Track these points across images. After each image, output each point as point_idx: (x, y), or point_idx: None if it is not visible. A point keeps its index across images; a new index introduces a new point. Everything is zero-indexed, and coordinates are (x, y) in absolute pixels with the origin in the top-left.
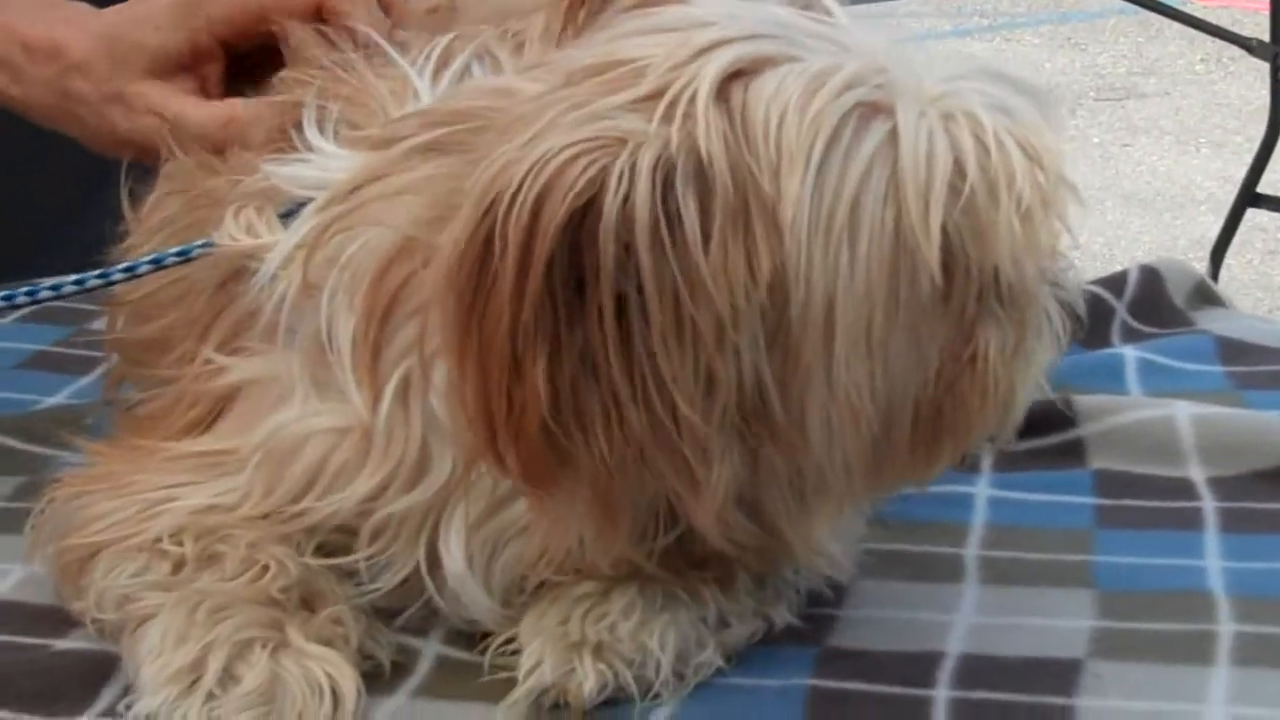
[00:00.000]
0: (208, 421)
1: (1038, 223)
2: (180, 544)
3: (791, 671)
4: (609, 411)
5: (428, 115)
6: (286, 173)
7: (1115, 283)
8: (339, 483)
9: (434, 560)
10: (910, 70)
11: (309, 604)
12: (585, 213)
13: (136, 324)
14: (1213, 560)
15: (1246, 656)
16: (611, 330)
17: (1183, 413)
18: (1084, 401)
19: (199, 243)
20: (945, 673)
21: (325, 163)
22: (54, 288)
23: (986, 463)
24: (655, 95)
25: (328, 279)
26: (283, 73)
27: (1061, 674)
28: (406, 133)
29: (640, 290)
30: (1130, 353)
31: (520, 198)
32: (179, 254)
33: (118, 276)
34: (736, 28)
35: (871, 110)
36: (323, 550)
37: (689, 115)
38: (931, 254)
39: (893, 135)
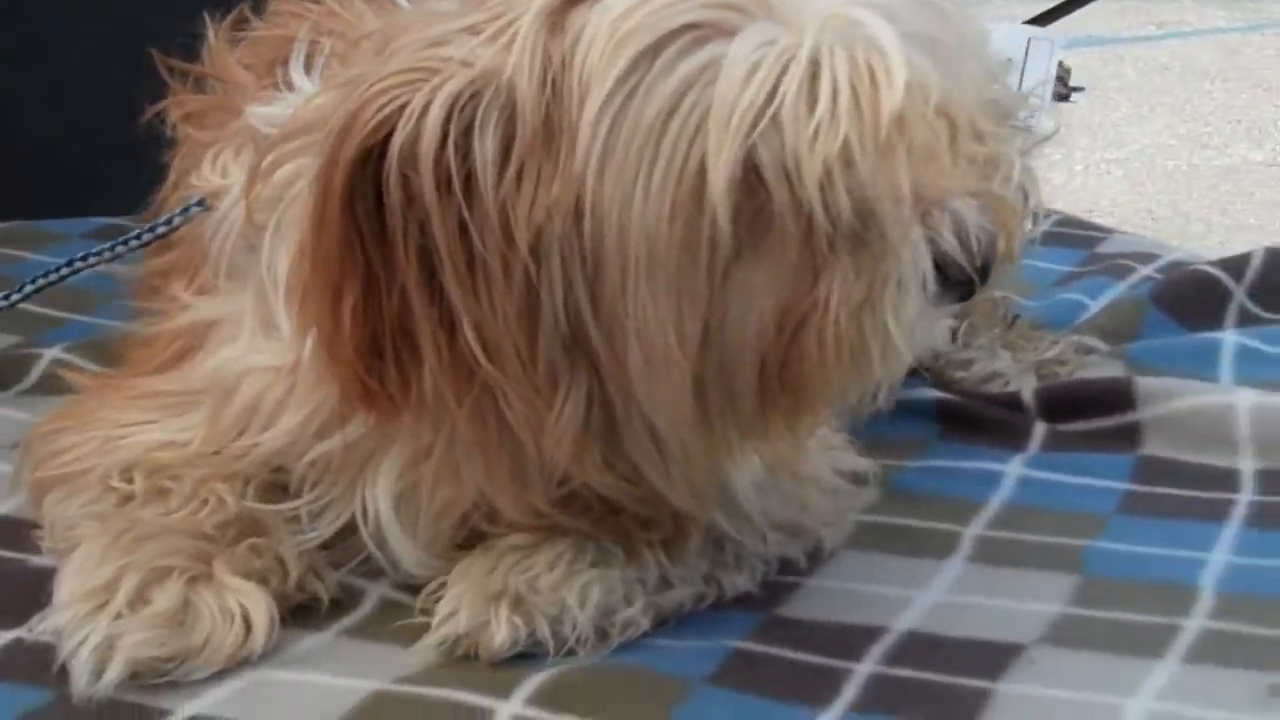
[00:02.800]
0: (175, 359)
1: (864, 160)
2: (130, 480)
3: (723, 634)
4: (434, 344)
5: (376, 43)
6: (263, 112)
7: (1236, 265)
8: (272, 420)
9: (368, 510)
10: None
11: (246, 539)
12: (384, 149)
13: (153, 255)
14: (1220, 554)
15: (1200, 653)
16: (414, 267)
17: (1244, 401)
18: (1145, 384)
19: (187, 206)
20: (880, 648)
21: (297, 101)
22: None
23: (1035, 442)
24: (492, 19)
25: (271, 217)
26: (275, 4)
27: (996, 657)
28: (358, 63)
29: (428, 227)
30: (1230, 338)
31: (332, 131)
32: (166, 222)
33: (106, 254)
34: None
35: (710, 33)
36: (265, 490)
37: (510, 41)
38: (717, 186)
39: (718, 60)
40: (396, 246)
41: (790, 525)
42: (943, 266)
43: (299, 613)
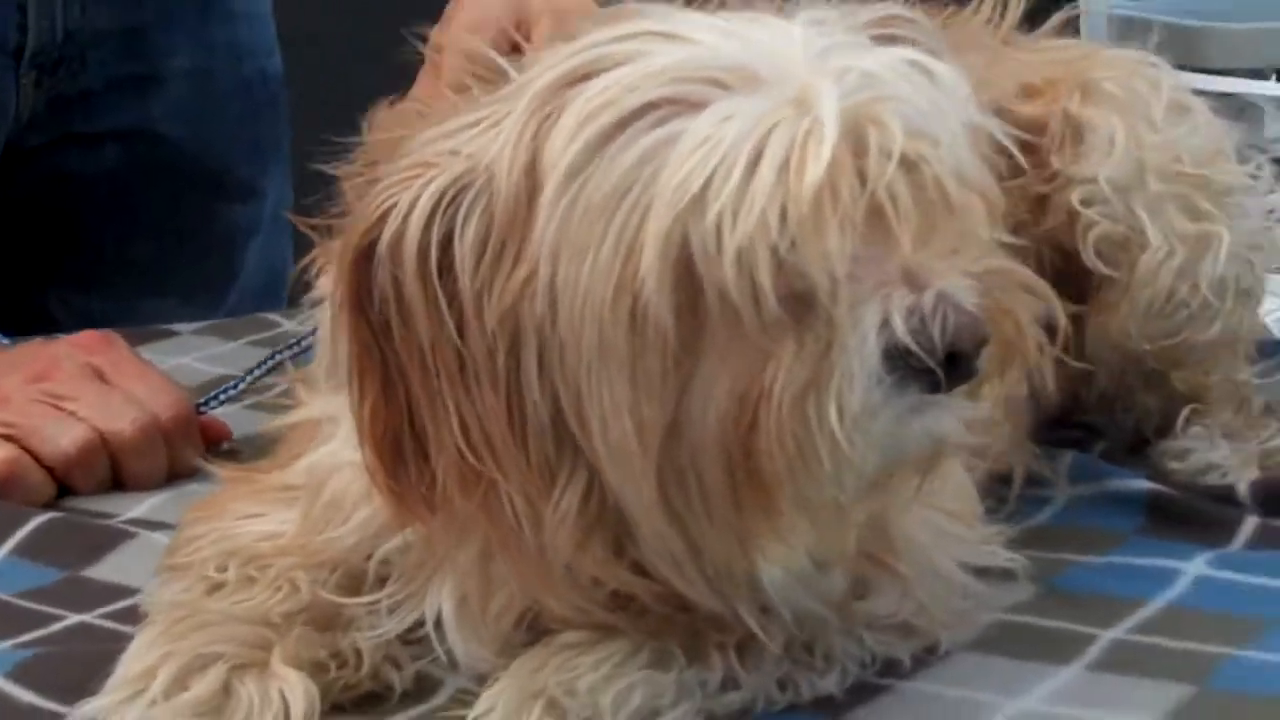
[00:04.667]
0: (292, 455)
1: (784, 237)
2: (224, 569)
3: None
4: (438, 442)
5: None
6: None
7: None
8: (350, 514)
9: (433, 609)
10: (792, 70)
11: (313, 628)
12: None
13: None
14: None
15: None
16: (414, 364)
17: None
18: None
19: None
20: None
21: None
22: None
23: (1240, 539)
24: (494, 108)
25: None
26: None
27: None
28: None
29: (414, 323)
30: None
31: (342, 231)
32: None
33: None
34: (617, 30)
35: (678, 109)
36: (353, 581)
37: (500, 131)
38: (645, 266)
39: (676, 138)
40: (397, 345)
41: (900, 626)
42: (903, 355)
43: (370, 700)
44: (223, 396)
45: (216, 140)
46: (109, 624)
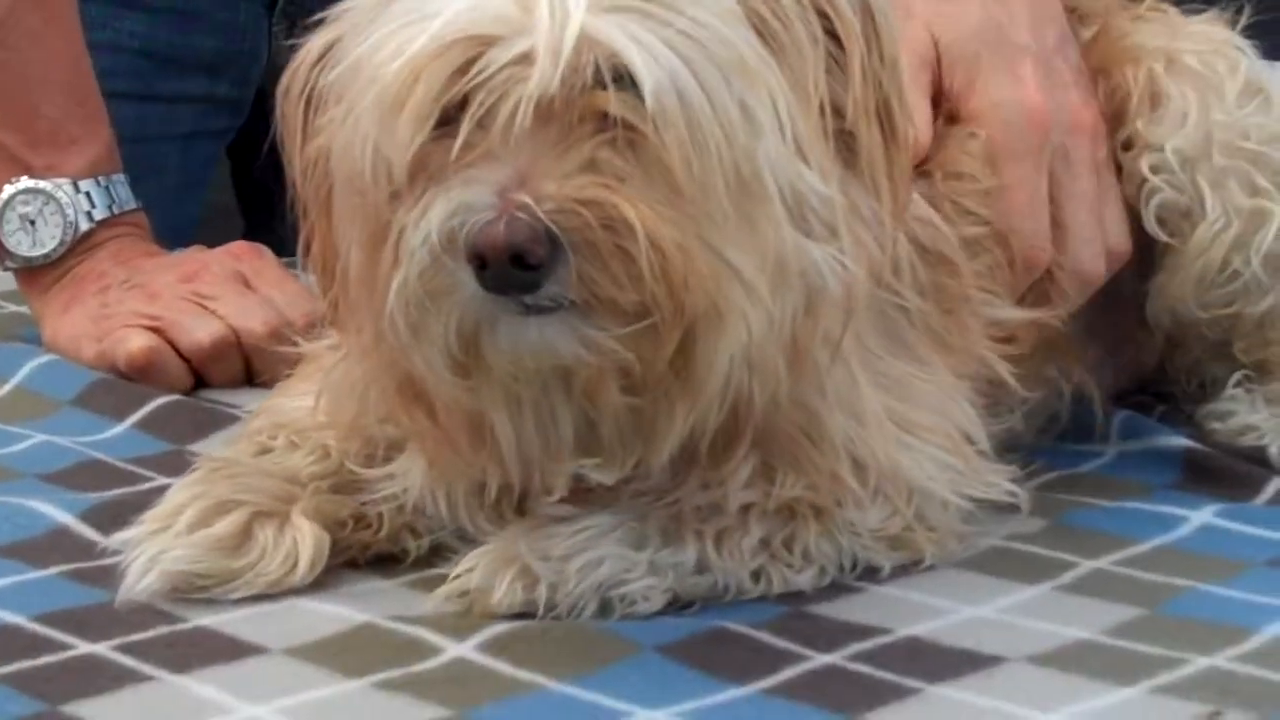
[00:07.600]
0: None
1: (372, 113)
2: (275, 437)
3: (724, 617)
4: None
5: None
6: None
7: None
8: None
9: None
10: None
11: (343, 491)
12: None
13: None
14: None
15: (1176, 687)
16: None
17: None
18: None
19: None
20: (861, 645)
21: None
22: None
23: (1264, 497)
24: None
25: None
26: None
27: (960, 664)
28: None
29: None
30: None
31: None
32: None
33: None
34: None
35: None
36: (367, 455)
37: None
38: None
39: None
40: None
41: (888, 538)
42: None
43: (384, 560)
44: None
45: None
46: None
